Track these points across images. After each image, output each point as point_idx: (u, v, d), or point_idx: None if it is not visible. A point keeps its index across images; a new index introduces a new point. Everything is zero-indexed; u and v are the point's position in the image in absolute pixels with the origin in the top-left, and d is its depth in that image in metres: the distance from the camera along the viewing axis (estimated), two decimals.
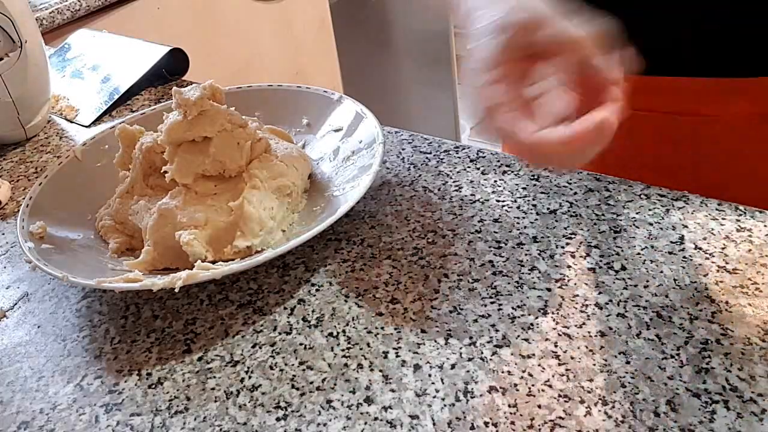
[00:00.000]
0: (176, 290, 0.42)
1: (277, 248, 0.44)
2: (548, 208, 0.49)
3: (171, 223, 0.47)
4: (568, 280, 0.42)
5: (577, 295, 0.41)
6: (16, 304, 0.49)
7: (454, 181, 0.53)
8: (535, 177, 0.52)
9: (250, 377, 0.39)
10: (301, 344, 0.41)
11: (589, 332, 0.39)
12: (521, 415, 0.35)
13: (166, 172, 0.50)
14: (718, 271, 0.41)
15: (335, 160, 0.55)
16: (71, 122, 0.76)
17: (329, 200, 0.52)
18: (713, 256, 0.43)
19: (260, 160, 0.51)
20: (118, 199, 0.53)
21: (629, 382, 0.35)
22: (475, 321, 0.40)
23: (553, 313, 0.40)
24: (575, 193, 0.50)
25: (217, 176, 0.50)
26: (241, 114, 0.52)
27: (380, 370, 0.38)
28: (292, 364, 0.40)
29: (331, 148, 0.57)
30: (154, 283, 0.42)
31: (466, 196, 0.51)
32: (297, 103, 0.61)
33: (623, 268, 0.43)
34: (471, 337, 0.39)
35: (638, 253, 0.44)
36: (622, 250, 0.44)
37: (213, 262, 0.45)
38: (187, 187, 0.49)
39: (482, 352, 0.38)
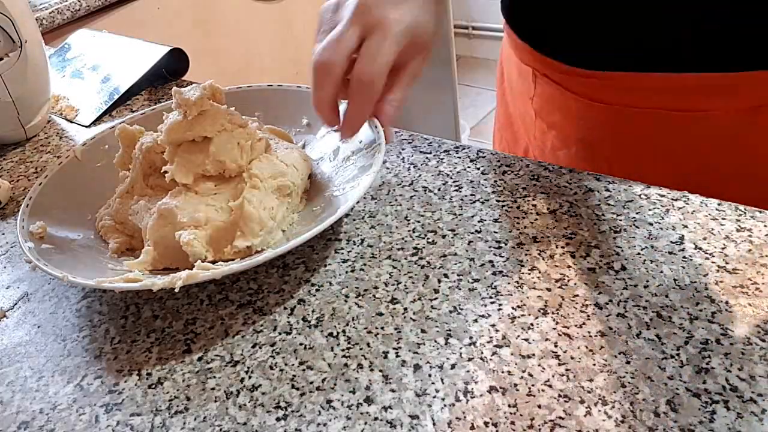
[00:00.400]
0: (176, 290, 0.42)
1: (277, 248, 0.44)
2: (548, 208, 0.49)
3: (171, 223, 0.47)
4: (568, 280, 0.42)
5: (577, 295, 0.41)
6: (16, 304, 0.49)
7: (454, 181, 0.53)
8: (535, 177, 0.52)
9: (250, 377, 0.39)
10: (301, 344, 0.41)
11: (589, 332, 0.39)
12: (521, 415, 0.35)
13: (166, 172, 0.50)
14: (718, 271, 0.41)
15: (335, 160, 0.55)
16: (71, 122, 0.76)
17: (329, 200, 0.51)
18: (713, 256, 0.43)
19: (260, 160, 0.51)
20: (118, 199, 0.53)
21: (629, 382, 0.35)
22: (475, 321, 0.41)
23: (553, 313, 0.40)
24: (575, 193, 0.50)
25: (217, 176, 0.50)
26: (241, 114, 0.52)
27: (380, 370, 0.38)
28: (292, 364, 0.40)
29: (331, 148, 0.57)
30: (154, 283, 0.42)
31: (466, 196, 0.51)
32: (297, 103, 0.61)
33: (623, 268, 0.43)
34: (471, 337, 0.39)
35: (638, 253, 0.44)
36: (622, 250, 0.44)
37: (213, 262, 0.45)
38: (187, 187, 0.49)
39: (482, 352, 0.38)
